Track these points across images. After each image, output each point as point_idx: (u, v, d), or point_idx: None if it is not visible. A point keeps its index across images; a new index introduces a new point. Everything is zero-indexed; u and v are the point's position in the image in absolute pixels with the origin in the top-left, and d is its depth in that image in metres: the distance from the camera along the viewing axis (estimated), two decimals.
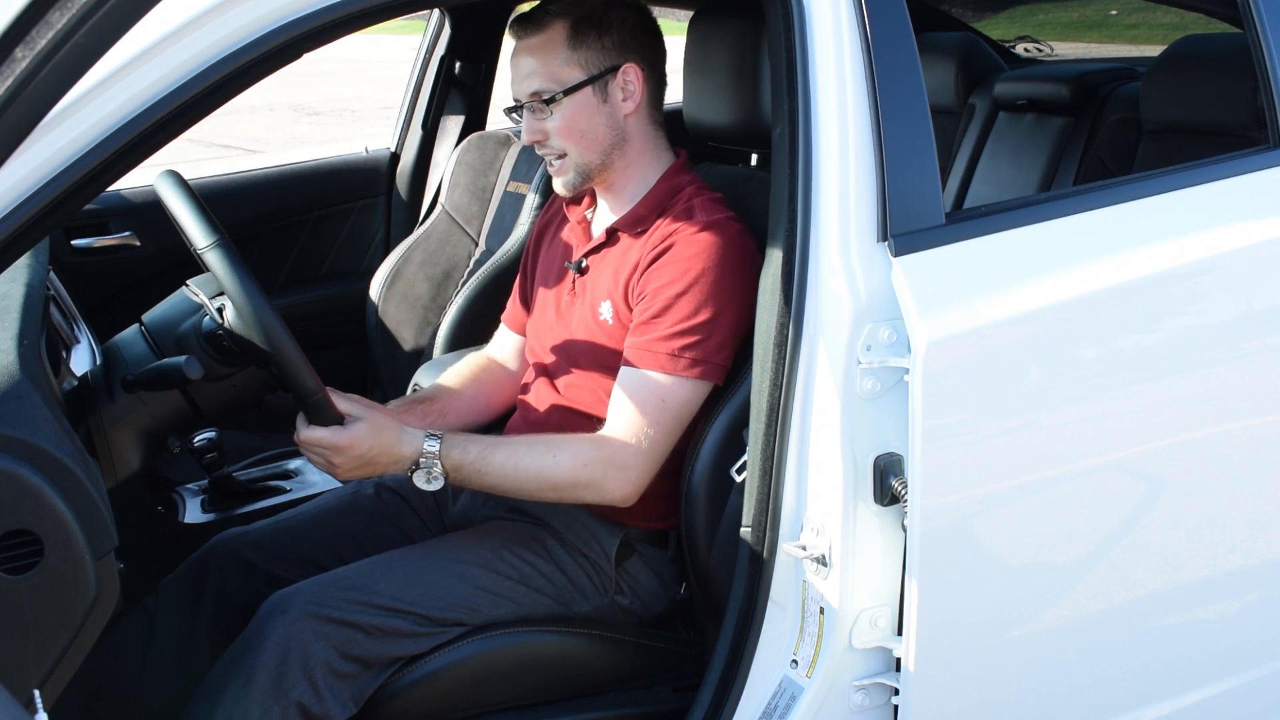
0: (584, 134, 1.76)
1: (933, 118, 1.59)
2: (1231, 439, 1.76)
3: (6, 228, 1.17)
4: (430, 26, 3.45)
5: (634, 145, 1.81)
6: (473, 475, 1.66)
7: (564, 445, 1.68)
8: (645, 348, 1.69)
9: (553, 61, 1.73)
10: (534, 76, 1.74)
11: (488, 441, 1.68)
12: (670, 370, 1.67)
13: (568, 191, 1.81)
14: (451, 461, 1.64)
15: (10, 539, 1.18)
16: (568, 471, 1.67)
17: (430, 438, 1.65)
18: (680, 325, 1.67)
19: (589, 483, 1.68)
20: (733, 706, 1.65)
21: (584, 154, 1.77)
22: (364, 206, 3.44)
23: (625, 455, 1.67)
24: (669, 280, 1.69)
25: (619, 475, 1.67)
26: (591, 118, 1.76)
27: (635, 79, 1.77)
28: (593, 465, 1.67)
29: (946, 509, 1.55)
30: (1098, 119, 3.19)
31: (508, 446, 1.69)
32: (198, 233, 1.57)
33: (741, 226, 1.73)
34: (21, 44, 0.99)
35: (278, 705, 1.55)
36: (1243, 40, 1.91)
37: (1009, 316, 1.57)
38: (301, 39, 1.31)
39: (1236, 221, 1.76)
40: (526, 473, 1.67)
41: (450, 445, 1.65)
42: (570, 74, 1.74)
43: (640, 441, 1.67)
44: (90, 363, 1.81)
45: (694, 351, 1.67)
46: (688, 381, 1.68)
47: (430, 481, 1.64)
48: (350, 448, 1.61)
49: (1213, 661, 1.87)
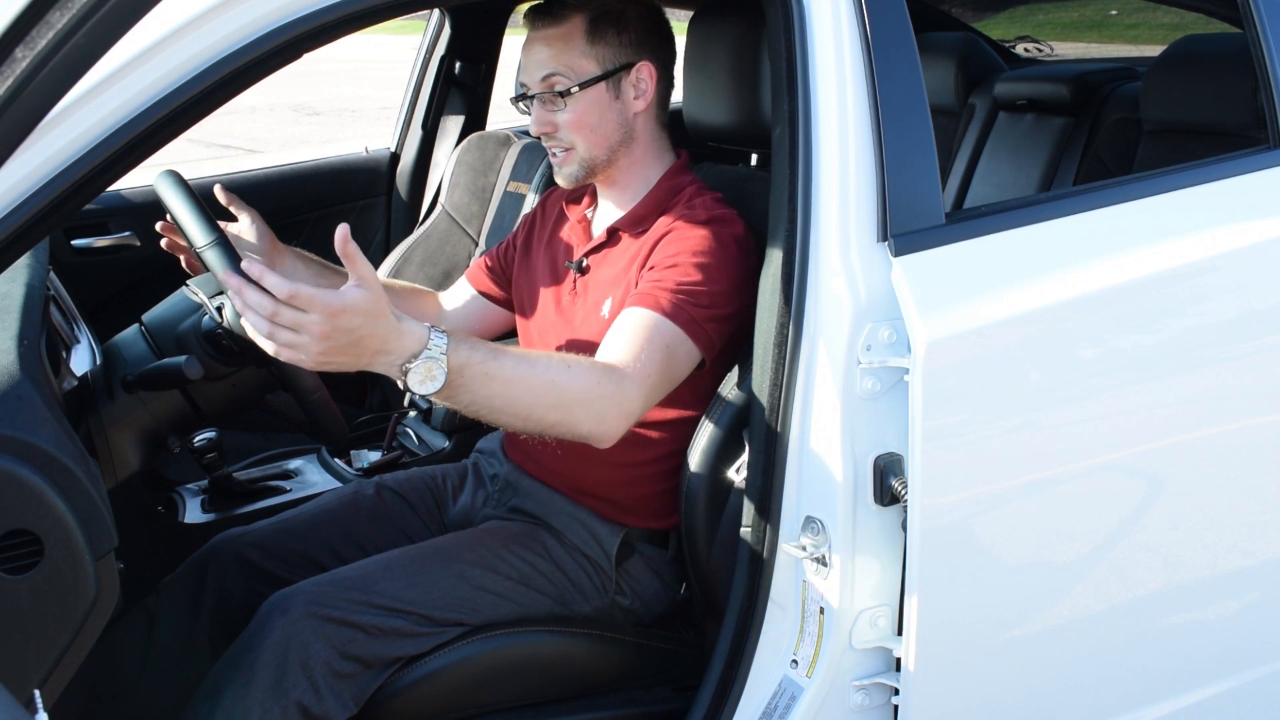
0: (594, 129, 1.76)
1: (933, 118, 1.59)
2: (1231, 439, 1.76)
3: (6, 228, 1.17)
4: (430, 26, 3.45)
5: (640, 144, 1.81)
6: (476, 378, 1.41)
7: (578, 363, 1.52)
8: (648, 291, 1.66)
9: (570, 53, 1.73)
10: (549, 66, 1.73)
11: (492, 346, 1.46)
12: (670, 316, 1.62)
13: (569, 184, 1.81)
14: (459, 359, 1.39)
15: (10, 539, 1.19)
16: (580, 390, 1.50)
17: (436, 330, 1.39)
18: (682, 282, 1.65)
19: (595, 406, 1.51)
20: (733, 706, 1.65)
21: (591, 149, 1.77)
22: (364, 206, 3.44)
23: (630, 387, 1.55)
24: (675, 252, 1.69)
25: (619, 408, 1.54)
26: (603, 113, 1.76)
27: (648, 78, 1.78)
28: (603, 389, 1.52)
29: (946, 509, 1.55)
30: (1098, 119, 3.19)
31: (517, 352, 1.49)
32: (197, 231, 1.57)
33: (744, 224, 1.74)
34: (21, 44, 0.99)
35: (278, 705, 1.55)
36: (1243, 40, 1.91)
37: (1009, 316, 1.57)
38: (301, 39, 1.31)
39: (1236, 221, 1.76)
40: (538, 381, 1.47)
41: (458, 340, 1.40)
42: (586, 67, 1.74)
43: (643, 377, 1.57)
44: (90, 363, 1.81)
45: (691, 309, 1.64)
46: (682, 334, 1.63)
47: (426, 381, 1.37)
48: (341, 314, 1.30)
49: (1213, 661, 1.87)
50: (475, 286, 2.06)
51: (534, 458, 1.89)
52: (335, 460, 2.69)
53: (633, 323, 1.63)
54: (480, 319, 2.06)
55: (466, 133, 3.42)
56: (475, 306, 2.06)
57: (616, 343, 1.61)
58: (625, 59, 1.76)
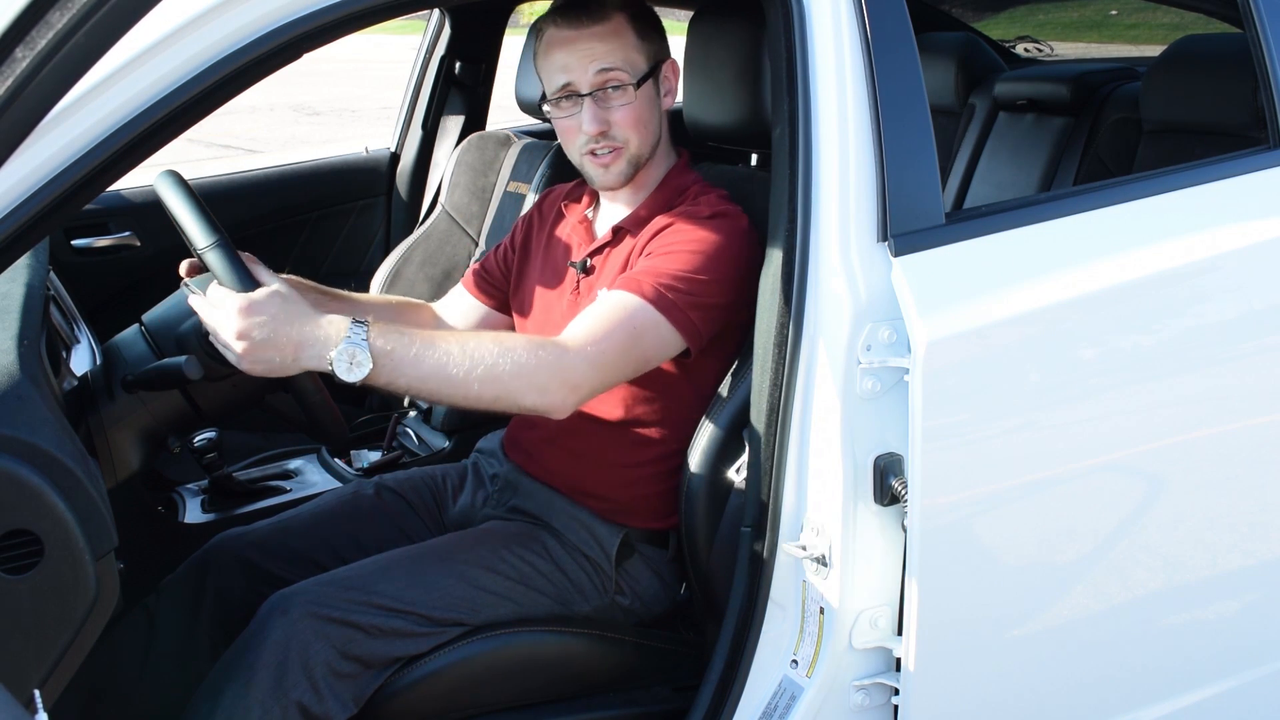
0: (647, 125, 1.76)
1: (933, 118, 1.59)
2: (1231, 439, 1.76)
3: (6, 228, 1.17)
4: (430, 26, 3.45)
5: (662, 142, 1.83)
6: (405, 362, 1.45)
7: (513, 337, 1.54)
8: (631, 276, 1.65)
9: (626, 49, 1.72)
10: (607, 61, 1.70)
11: (426, 332, 1.50)
12: (649, 299, 1.61)
13: (619, 184, 1.78)
14: (384, 343, 1.44)
15: (10, 539, 1.19)
16: (514, 363, 1.49)
17: (356, 320, 1.44)
18: (672, 271, 1.65)
19: (533, 378, 1.50)
20: (733, 706, 1.65)
21: (642, 146, 1.76)
22: (364, 206, 3.44)
23: (575, 360, 1.53)
24: (671, 241, 1.69)
25: (563, 380, 1.52)
26: (652, 109, 1.77)
27: (673, 75, 1.81)
28: (540, 360, 1.51)
29: (946, 509, 1.55)
30: (1098, 119, 3.19)
31: (450, 335, 1.52)
32: (198, 233, 1.57)
33: (746, 221, 1.74)
34: (21, 44, 0.99)
35: (278, 705, 1.55)
36: (1243, 40, 1.91)
37: (1009, 316, 1.57)
38: (301, 39, 1.31)
39: (1236, 221, 1.76)
40: (471, 360, 1.48)
41: (380, 328, 1.45)
42: (640, 63, 1.74)
43: (594, 354, 1.55)
44: (90, 363, 1.81)
45: (676, 296, 1.63)
46: (662, 320, 1.62)
47: (352, 369, 1.42)
48: (249, 309, 1.41)
49: (1213, 661, 1.87)
50: (474, 294, 2.04)
51: (534, 457, 1.89)
52: (335, 460, 2.69)
53: (603, 303, 1.63)
54: (480, 326, 2.04)
55: (466, 133, 3.41)
56: (474, 315, 2.04)
57: (584, 323, 1.60)
58: (661, 56, 1.78)
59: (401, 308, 2.02)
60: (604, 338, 1.57)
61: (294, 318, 1.44)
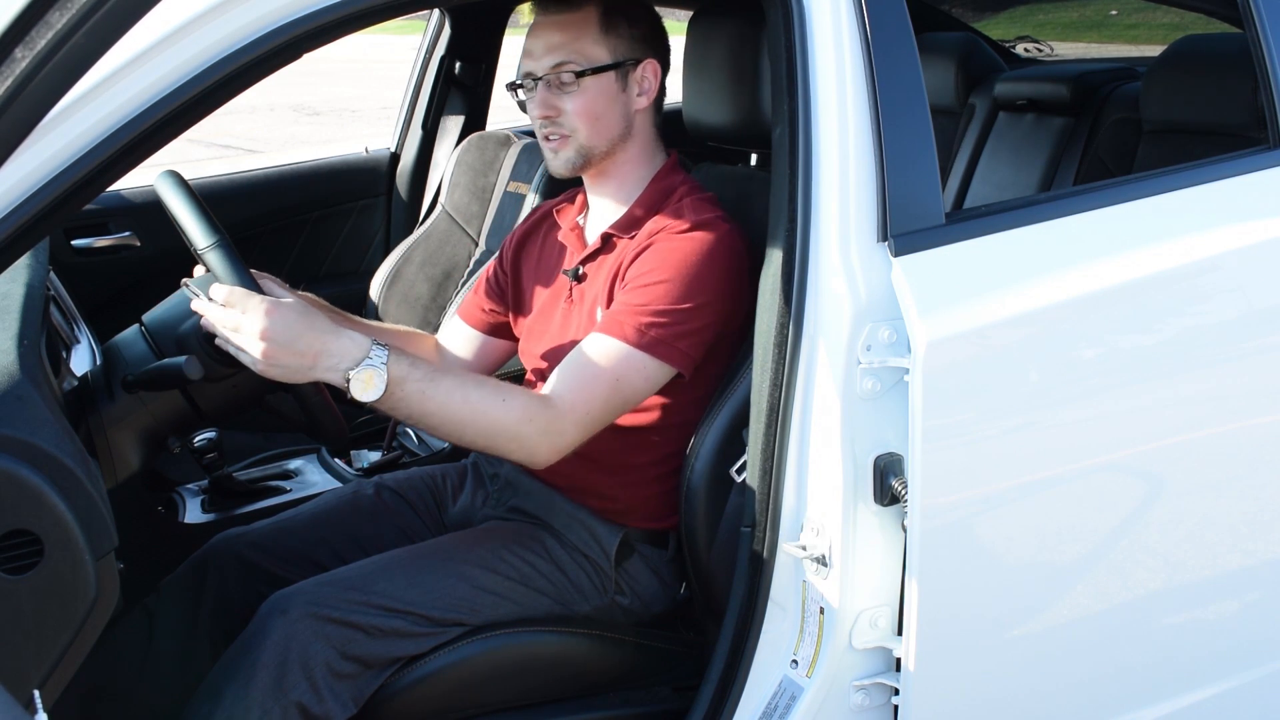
0: (598, 118, 1.76)
1: (933, 118, 1.59)
2: (1231, 439, 1.76)
3: (6, 228, 1.17)
4: (430, 26, 3.45)
5: (636, 142, 1.82)
6: (413, 395, 1.51)
7: (514, 395, 1.59)
8: (614, 318, 1.67)
9: (583, 39, 1.74)
10: (561, 50, 1.74)
11: (434, 368, 1.56)
12: (633, 342, 1.64)
13: (565, 171, 1.80)
14: (399, 371, 1.49)
15: (10, 539, 1.18)
16: (511, 423, 1.57)
17: (377, 343, 1.50)
18: (654, 307, 1.65)
19: (523, 439, 1.59)
20: (733, 707, 1.65)
21: (591, 138, 1.77)
22: (364, 206, 3.44)
23: (565, 424, 1.61)
24: (651, 268, 1.69)
25: (550, 441, 1.60)
26: (609, 103, 1.77)
27: (653, 76, 1.80)
28: (535, 423, 1.59)
29: (946, 509, 1.55)
30: (1098, 119, 3.19)
31: (456, 377, 1.58)
32: (198, 233, 1.57)
33: (730, 226, 1.73)
34: (21, 44, 0.99)
35: (278, 705, 1.55)
36: (1243, 40, 1.91)
37: (1009, 316, 1.57)
38: (301, 39, 1.31)
39: (1236, 221, 1.76)
40: (471, 409, 1.55)
41: (397, 355, 1.51)
42: (599, 54, 1.75)
43: (583, 413, 1.62)
44: (90, 363, 1.81)
45: (660, 331, 1.64)
46: (648, 359, 1.64)
47: (366, 390, 1.48)
48: (274, 311, 1.44)
49: (1213, 661, 1.87)
50: (474, 325, 2.04)
51: None
52: (335, 460, 2.70)
53: (588, 352, 1.65)
54: (482, 355, 2.04)
55: (466, 133, 3.41)
56: (475, 344, 2.04)
57: (566, 372, 1.65)
58: (634, 54, 1.78)
59: (407, 337, 2.02)
60: (589, 395, 1.63)
61: (319, 328, 1.47)
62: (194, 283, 1.73)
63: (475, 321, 2.04)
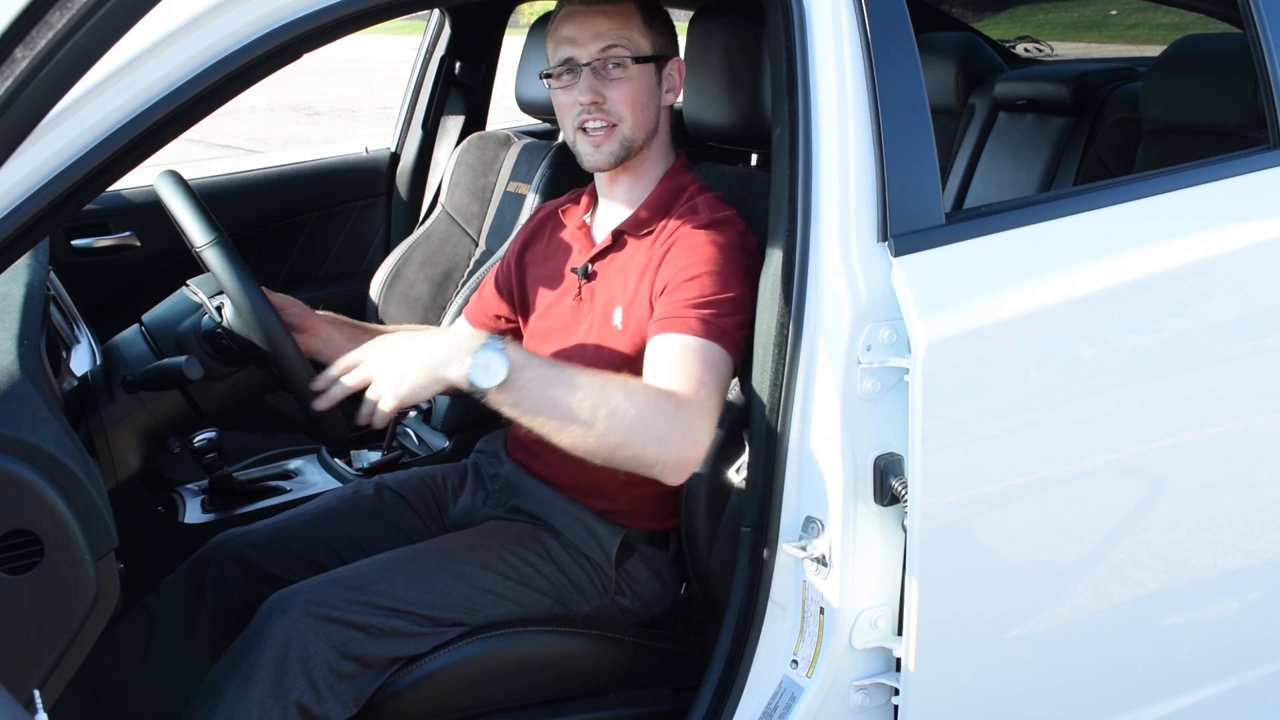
0: (642, 108, 1.77)
1: (933, 118, 1.59)
2: (1231, 439, 1.76)
3: (6, 228, 1.17)
4: (430, 26, 3.45)
5: (659, 138, 1.84)
6: (536, 380, 1.47)
7: (639, 385, 1.52)
8: (675, 314, 1.65)
9: (631, 28, 1.76)
10: (611, 35, 1.74)
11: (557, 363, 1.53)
12: (701, 334, 1.62)
13: (608, 164, 1.78)
14: (519, 357, 1.46)
15: (10, 539, 1.19)
16: (641, 411, 1.50)
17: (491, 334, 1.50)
18: (703, 297, 1.65)
19: (655, 430, 1.51)
20: (733, 707, 1.65)
21: (635, 128, 1.77)
22: (364, 206, 3.44)
23: (692, 417, 1.54)
24: (685, 265, 1.69)
25: (684, 435, 1.53)
26: (650, 94, 1.78)
27: (678, 74, 1.83)
28: (664, 413, 1.52)
29: (946, 509, 1.55)
30: (1098, 119, 3.19)
31: (580, 369, 1.51)
32: (196, 231, 1.57)
33: (744, 225, 1.75)
34: (21, 44, 0.99)
35: (278, 705, 1.55)
36: (1243, 40, 1.91)
37: (1009, 317, 1.57)
38: (301, 39, 1.31)
39: (1236, 221, 1.76)
40: (599, 394, 1.49)
41: (513, 343, 1.49)
42: (645, 45, 1.77)
43: (707, 406, 1.56)
44: (90, 363, 1.81)
45: (718, 320, 1.64)
46: (717, 349, 1.63)
47: (488, 374, 1.44)
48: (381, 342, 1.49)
49: (1213, 661, 1.87)
50: (474, 325, 2.06)
51: (538, 456, 1.89)
52: (335, 460, 2.69)
53: (676, 352, 1.62)
54: None
55: (466, 133, 3.41)
56: None
57: (668, 373, 1.60)
58: (668, 50, 1.81)
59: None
60: (706, 387, 1.57)
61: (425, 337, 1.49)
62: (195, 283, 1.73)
63: (480, 324, 2.05)
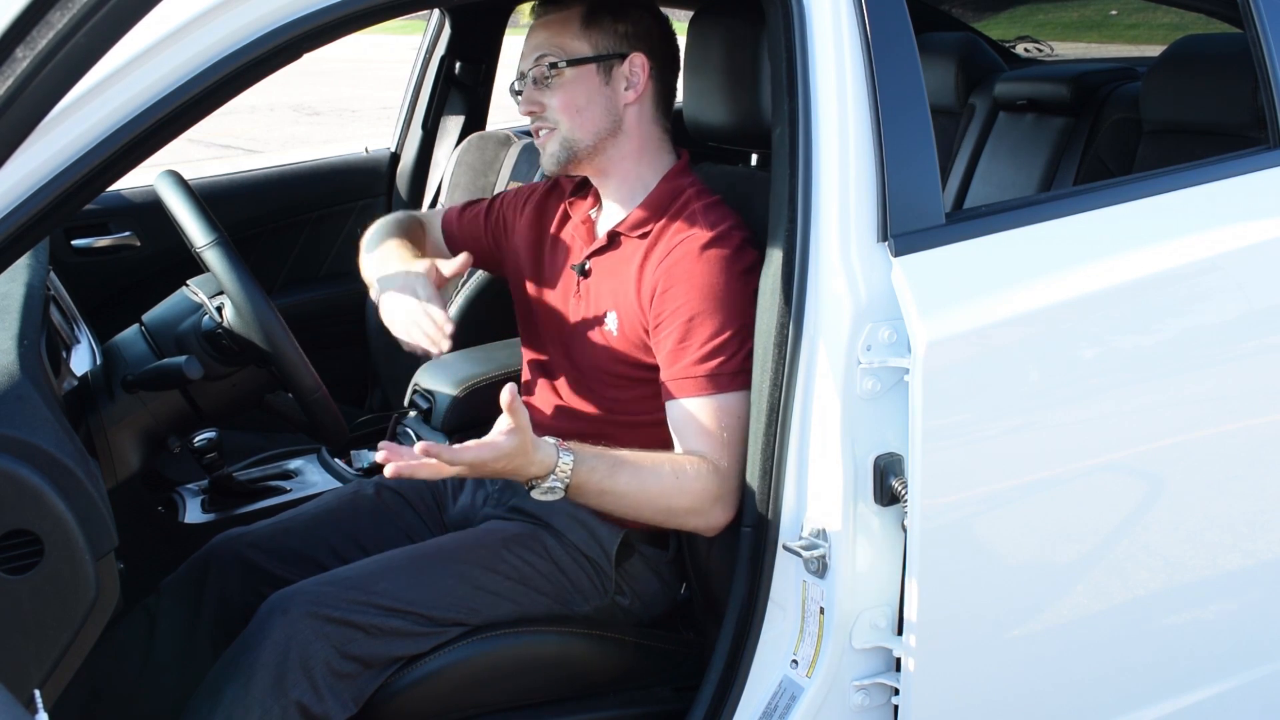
0: (580, 110, 1.77)
1: (933, 118, 1.59)
2: (1231, 439, 1.76)
3: (6, 228, 1.17)
4: (430, 26, 3.45)
5: (631, 139, 1.81)
6: (592, 493, 1.61)
7: (686, 471, 1.64)
8: (685, 376, 1.67)
9: (564, 35, 1.77)
10: (542, 46, 1.78)
11: (611, 459, 1.62)
12: (712, 390, 1.66)
13: (554, 167, 1.81)
14: (579, 479, 1.58)
15: (10, 539, 1.19)
16: (689, 498, 1.64)
17: (564, 453, 1.58)
18: (708, 346, 1.66)
19: (701, 511, 1.65)
20: (733, 707, 1.65)
21: (574, 130, 1.78)
22: (364, 206, 3.43)
23: (728, 487, 1.65)
24: (683, 302, 1.68)
25: (725, 508, 1.66)
26: (590, 96, 1.77)
27: (641, 70, 1.79)
28: (709, 494, 1.64)
29: (946, 509, 1.55)
30: (1098, 119, 3.19)
31: (632, 467, 1.63)
32: (197, 231, 1.57)
33: (744, 235, 1.73)
34: (21, 44, 0.99)
35: (278, 705, 1.55)
36: (1243, 40, 1.91)
37: (1009, 317, 1.57)
38: (301, 39, 1.31)
39: (1236, 221, 1.76)
40: (648, 495, 1.63)
41: (580, 463, 1.59)
42: (578, 48, 1.77)
43: (735, 470, 1.66)
44: (90, 363, 1.82)
45: (729, 365, 1.66)
46: (734, 395, 1.66)
47: (546, 495, 1.59)
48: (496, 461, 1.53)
49: (1213, 661, 1.87)
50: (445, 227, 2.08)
51: None
52: (335, 460, 2.69)
53: (698, 414, 1.67)
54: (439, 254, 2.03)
55: (466, 133, 3.41)
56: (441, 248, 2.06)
57: (694, 438, 1.67)
58: (619, 48, 1.78)
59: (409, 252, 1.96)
60: (737, 446, 1.66)
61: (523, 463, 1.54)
62: (195, 283, 1.73)
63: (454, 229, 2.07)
